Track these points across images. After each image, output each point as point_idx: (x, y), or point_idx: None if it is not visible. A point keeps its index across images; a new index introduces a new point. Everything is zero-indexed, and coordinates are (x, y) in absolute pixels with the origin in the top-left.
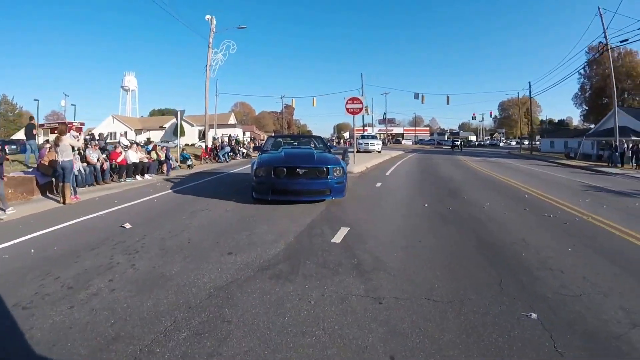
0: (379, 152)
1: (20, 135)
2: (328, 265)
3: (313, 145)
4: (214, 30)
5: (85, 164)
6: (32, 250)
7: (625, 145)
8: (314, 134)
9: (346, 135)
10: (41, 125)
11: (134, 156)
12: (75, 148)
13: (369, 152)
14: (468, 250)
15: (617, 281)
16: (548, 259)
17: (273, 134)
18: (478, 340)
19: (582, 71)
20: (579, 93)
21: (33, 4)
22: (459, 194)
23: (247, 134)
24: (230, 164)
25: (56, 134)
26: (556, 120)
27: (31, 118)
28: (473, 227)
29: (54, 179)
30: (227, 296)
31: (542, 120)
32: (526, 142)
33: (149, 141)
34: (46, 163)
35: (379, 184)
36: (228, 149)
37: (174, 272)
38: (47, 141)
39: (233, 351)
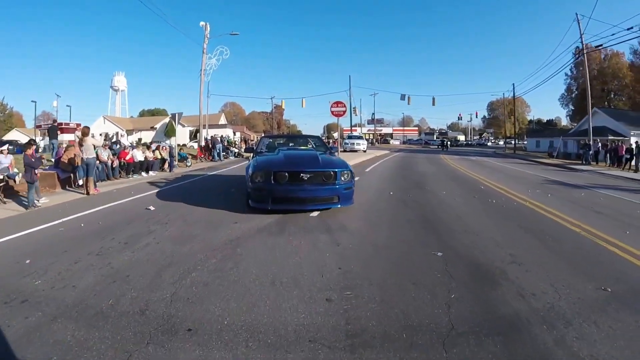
0: (364, 151)
1: (11, 136)
2: (306, 228)
3: (311, 146)
4: (208, 36)
5: (97, 161)
6: (82, 225)
7: (600, 144)
8: (303, 133)
9: (335, 135)
10: (38, 127)
11: (140, 155)
12: (96, 147)
13: (355, 151)
14: (412, 222)
15: (517, 240)
16: (470, 227)
17: (263, 134)
18: (396, 263)
19: (568, 72)
20: (565, 94)
21: (24, 5)
22: (423, 186)
23: (238, 134)
24: (224, 163)
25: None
26: (545, 120)
27: (54, 121)
28: (424, 208)
29: (72, 174)
30: (238, 243)
31: (530, 120)
32: (514, 142)
33: (140, 141)
34: (66, 160)
35: (357, 178)
36: (220, 146)
37: (197, 233)
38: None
39: (245, 266)
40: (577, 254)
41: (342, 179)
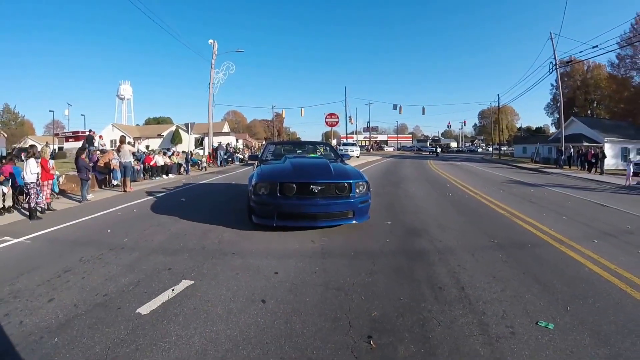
0: (357, 157)
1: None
2: None
3: (320, 154)
4: (216, 53)
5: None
6: (134, 210)
7: (572, 150)
8: (303, 140)
9: (334, 142)
10: (56, 135)
11: (161, 160)
12: (131, 152)
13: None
14: (380, 207)
15: (450, 216)
16: (420, 209)
17: (264, 140)
18: (359, 228)
19: (553, 83)
20: (551, 103)
21: (34, 13)
22: (399, 184)
23: (240, 141)
24: (230, 168)
25: (118, 143)
26: (534, 128)
27: (90, 130)
28: (392, 198)
29: (106, 176)
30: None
31: (519, 127)
32: (504, 148)
33: (147, 148)
34: (102, 164)
35: None
36: (222, 152)
37: (223, 213)
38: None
39: (260, 229)
40: (489, 225)
41: (358, 191)
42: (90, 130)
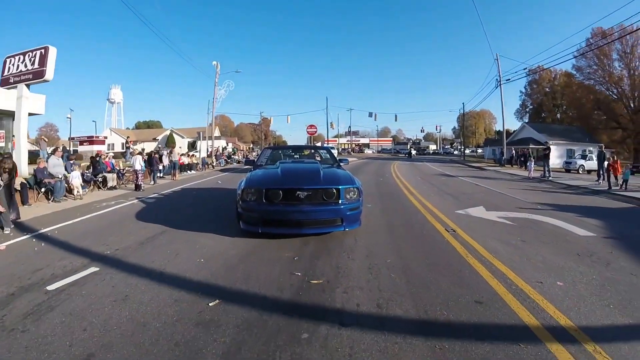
0: None
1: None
2: None
3: (319, 159)
4: (219, 73)
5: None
6: (196, 187)
7: (513, 152)
8: (289, 144)
9: (319, 145)
10: (72, 139)
11: (187, 160)
12: (178, 154)
13: (347, 161)
14: None
15: (367, 188)
16: None
17: (252, 144)
18: None
19: (523, 90)
20: (520, 108)
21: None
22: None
23: (230, 144)
24: (231, 167)
25: (171, 148)
26: (512, 131)
27: (128, 137)
28: None
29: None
30: None
31: (497, 130)
32: (479, 150)
33: (143, 151)
34: None
35: None
36: (222, 159)
37: None
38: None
39: None
40: (386, 190)
41: (347, 197)
42: (128, 137)
